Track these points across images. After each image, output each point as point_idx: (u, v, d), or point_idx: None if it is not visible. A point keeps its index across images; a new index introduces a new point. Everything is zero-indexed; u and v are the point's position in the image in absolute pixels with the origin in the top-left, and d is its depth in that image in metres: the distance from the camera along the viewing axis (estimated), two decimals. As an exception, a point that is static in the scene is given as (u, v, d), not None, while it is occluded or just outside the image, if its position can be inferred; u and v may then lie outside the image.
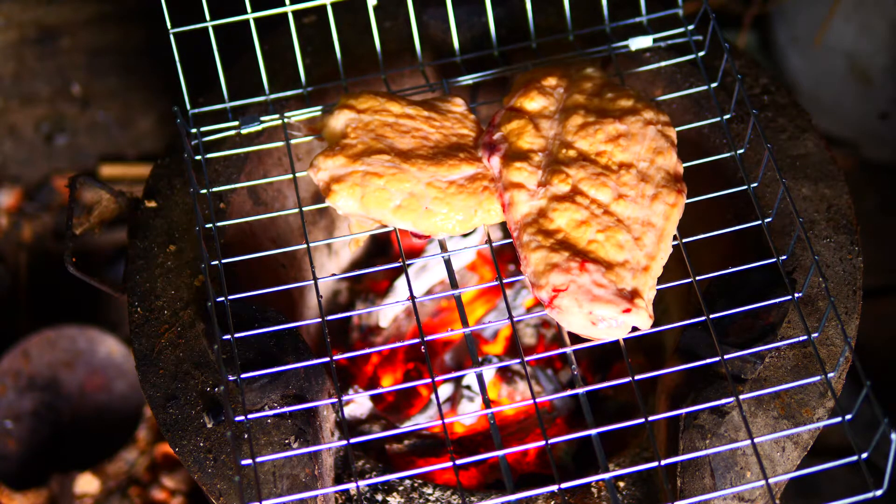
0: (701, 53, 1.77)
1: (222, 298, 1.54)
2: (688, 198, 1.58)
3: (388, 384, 2.02)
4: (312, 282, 1.56)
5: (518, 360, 1.50)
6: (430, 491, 1.66)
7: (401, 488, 1.67)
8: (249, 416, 1.50)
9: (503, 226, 2.16)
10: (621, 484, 1.64)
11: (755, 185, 1.63)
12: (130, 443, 2.53)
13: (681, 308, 1.86)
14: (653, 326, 1.49)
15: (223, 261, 1.58)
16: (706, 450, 1.48)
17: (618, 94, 1.64)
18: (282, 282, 1.86)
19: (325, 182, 1.59)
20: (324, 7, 1.90)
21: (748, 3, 2.88)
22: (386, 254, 2.22)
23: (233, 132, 1.77)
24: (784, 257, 1.57)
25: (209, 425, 1.57)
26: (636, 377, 1.46)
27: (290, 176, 1.67)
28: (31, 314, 2.79)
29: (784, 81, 2.89)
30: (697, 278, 1.53)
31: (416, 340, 1.55)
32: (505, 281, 1.56)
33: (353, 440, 1.44)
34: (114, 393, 2.64)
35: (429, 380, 1.48)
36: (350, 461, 1.51)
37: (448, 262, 1.61)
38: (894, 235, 2.78)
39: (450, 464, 1.41)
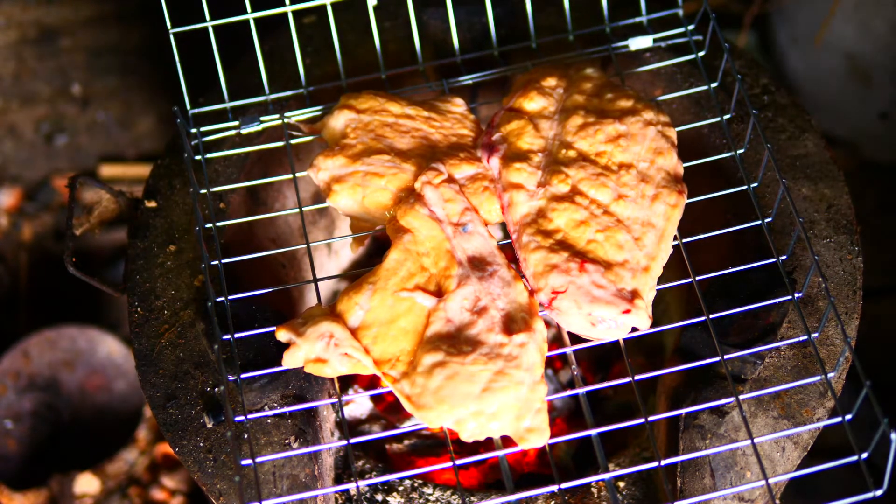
0: (701, 53, 1.76)
1: (222, 298, 1.54)
2: (688, 198, 1.58)
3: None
4: (312, 282, 1.56)
5: (518, 360, 1.50)
6: (430, 491, 1.66)
7: (401, 488, 1.67)
8: (249, 416, 1.50)
9: (503, 226, 2.16)
10: (621, 484, 1.64)
11: (755, 185, 1.63)
12: (130, 443, 2.53)
13: (681, 308, 1.86)
14: (653, 326, 1.49)
15: (223, 261, 1.58)
16: (706, 450, 1.48)
17: (617, 94, 1.64)
18: (282, 282, 1.86)
19: (326, 182, 1.58)
20: (324, 7, 1.90)
21: (748, 3, 2.88)
22: (386, 254, 2.21)
23: (233, 132, 1.77)
24: (784, 257, 1.57)
25: (209, 425, 1.57)
26: (636, 377, 1.46)
27: (290, 176, 1.67)
28: (31, 314, 2.79)
29: (784, 81, 2.89)
30: (697, 278, 1.53)
31: (416, 340, 1.54)
32: (505, 281, 1.56)
33: (353, 440, 1.43)
34: (114, 393, 2.63)
35: (429, 380, 1.48)
36: (350, 461, 1.51)
37: (448, 262, 1.61)
38: (894, 235, 2.77)
39: (450, 464, 1.41)
